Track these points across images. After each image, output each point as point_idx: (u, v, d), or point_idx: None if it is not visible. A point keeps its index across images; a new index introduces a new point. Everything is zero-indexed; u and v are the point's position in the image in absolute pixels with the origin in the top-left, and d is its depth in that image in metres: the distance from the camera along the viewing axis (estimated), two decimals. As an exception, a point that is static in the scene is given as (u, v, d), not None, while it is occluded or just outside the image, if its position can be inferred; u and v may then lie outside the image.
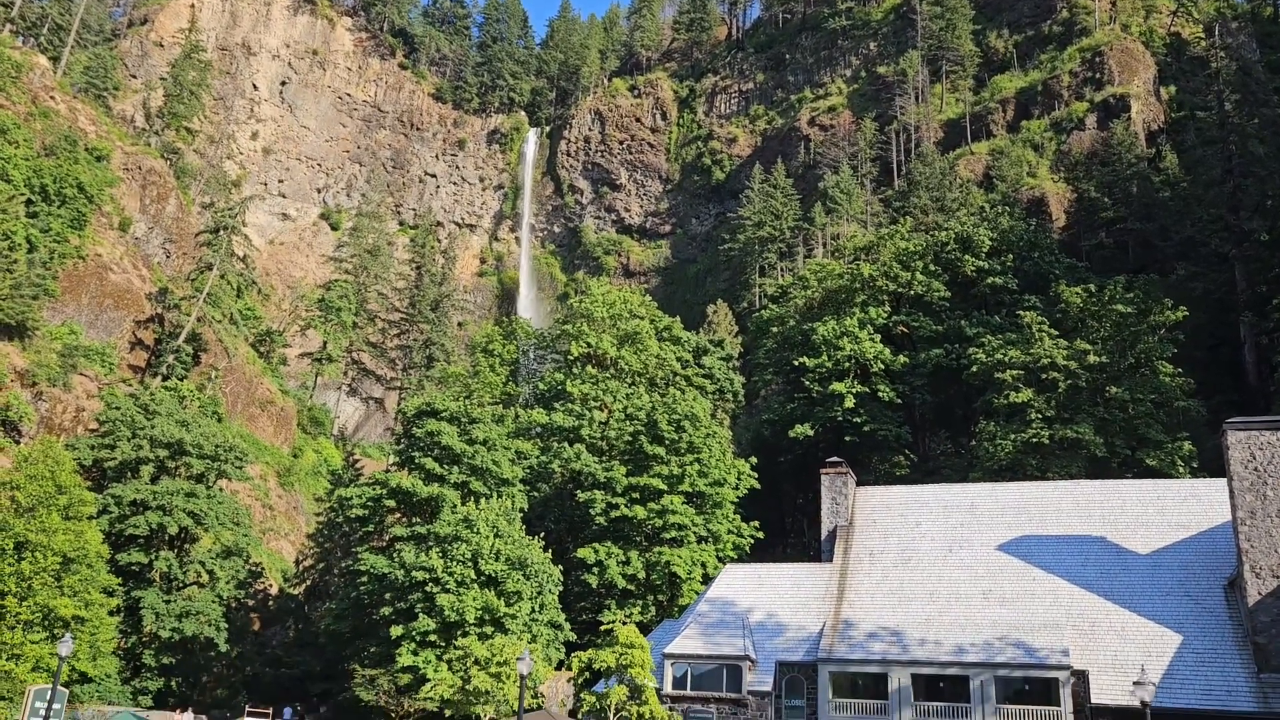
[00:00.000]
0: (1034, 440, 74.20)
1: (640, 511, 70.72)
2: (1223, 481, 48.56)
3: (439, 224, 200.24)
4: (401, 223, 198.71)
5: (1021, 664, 45.82)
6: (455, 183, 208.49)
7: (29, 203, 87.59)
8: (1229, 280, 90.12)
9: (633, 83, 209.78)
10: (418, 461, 69.87)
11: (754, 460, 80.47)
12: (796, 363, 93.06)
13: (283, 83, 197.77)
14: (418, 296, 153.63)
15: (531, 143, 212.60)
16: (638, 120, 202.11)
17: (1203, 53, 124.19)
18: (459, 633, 57.49)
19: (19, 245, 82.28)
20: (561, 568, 66.69)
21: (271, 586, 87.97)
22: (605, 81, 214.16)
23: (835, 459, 61.88)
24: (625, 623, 54.99)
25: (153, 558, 69.19)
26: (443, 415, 71.42)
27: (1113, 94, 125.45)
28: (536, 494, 78.36)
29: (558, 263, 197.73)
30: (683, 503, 71.69)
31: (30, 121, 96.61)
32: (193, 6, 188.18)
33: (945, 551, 54.53)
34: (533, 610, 61.45)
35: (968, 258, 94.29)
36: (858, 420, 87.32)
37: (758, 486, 79.16)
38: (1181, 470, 70.20)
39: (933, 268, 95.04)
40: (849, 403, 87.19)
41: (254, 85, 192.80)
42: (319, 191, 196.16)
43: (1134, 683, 38.74)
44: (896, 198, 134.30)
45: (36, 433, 77.80)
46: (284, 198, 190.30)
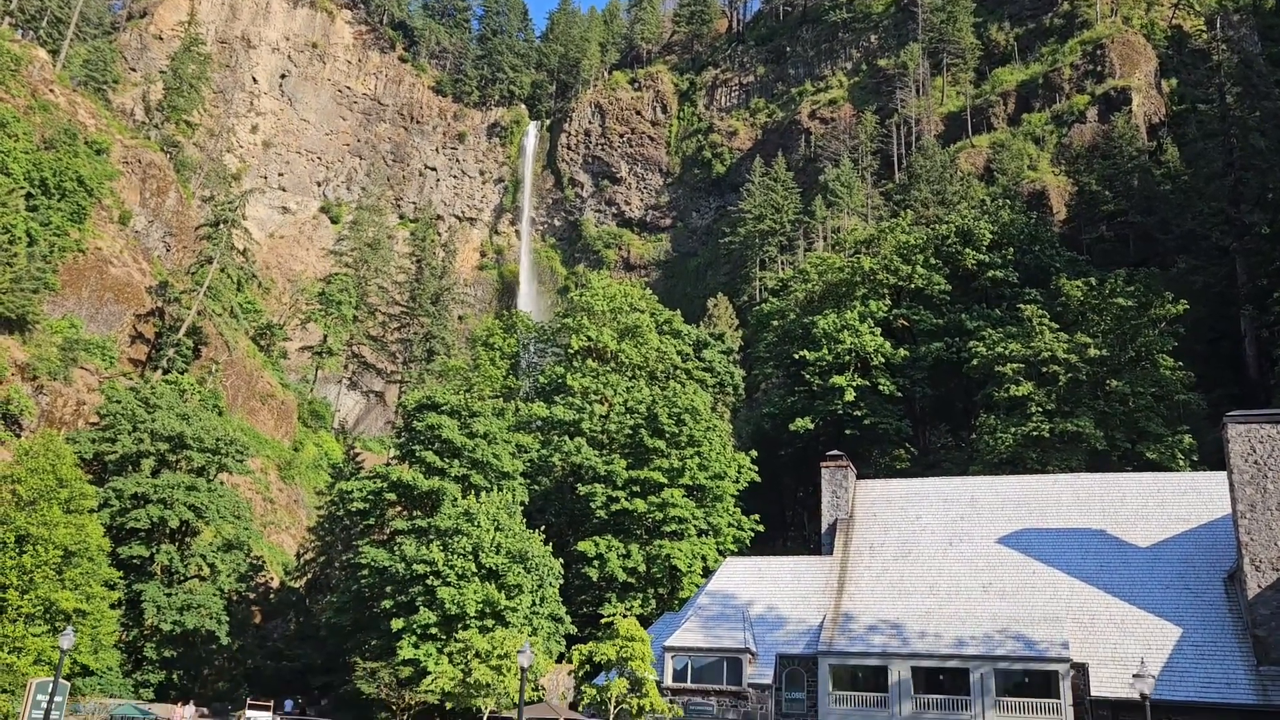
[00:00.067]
0: (1034, 433, 74.21)
1: (641, 505, 70.85)
2: (1223, 475, 48.57)
3: (439, 217, 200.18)
4: (402, 216, 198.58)
5: (1021, 657, 45.91)
6: (455, 176, 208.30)
7: (29, 196, 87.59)
8: (1230, 274, 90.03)
9: (633, 76, 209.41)
10: (418, 455, 70.01)
11: (754, 454, 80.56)
12: (797, 356, 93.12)
13: (282, 76, 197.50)
14: (418, 290, 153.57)
15: (532, 136, 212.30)
16: (638, 113, 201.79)
17: (1204, 45, 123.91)
18: (460, 626, 57.68)
19: (19, 239, 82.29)
20: (562, 561, 66.87)
21: (272, 580, 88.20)
22: (605, 74, 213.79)
23: (835, 452, 61.93)
24: (626, 616, 54.96)
25: (154, 551, 69.36)
26: (443, 409, 71.52)
27: (1114, 87, 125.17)
28: (537, 487, 78.49)
29: (558, 256, 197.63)
30: (683, 496, 71.80)
31: (30, 115, 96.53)
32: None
33: (945, 544, 54.58)
34: (533, 603, 61.62)
35: (968, 251, 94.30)
36: (858, 413, 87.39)
37: (758, 480, 79.25)
38: (1181, 463, 70.23)
39: (933, 261, 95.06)
40: (849, 396, 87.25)
41: (253, 78, 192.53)
42: (319, 185, 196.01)
43: (1133, 675, 38.79)
44: (897, 191, 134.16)
45: (37, 426, 77.87)
46: (284, 191, 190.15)
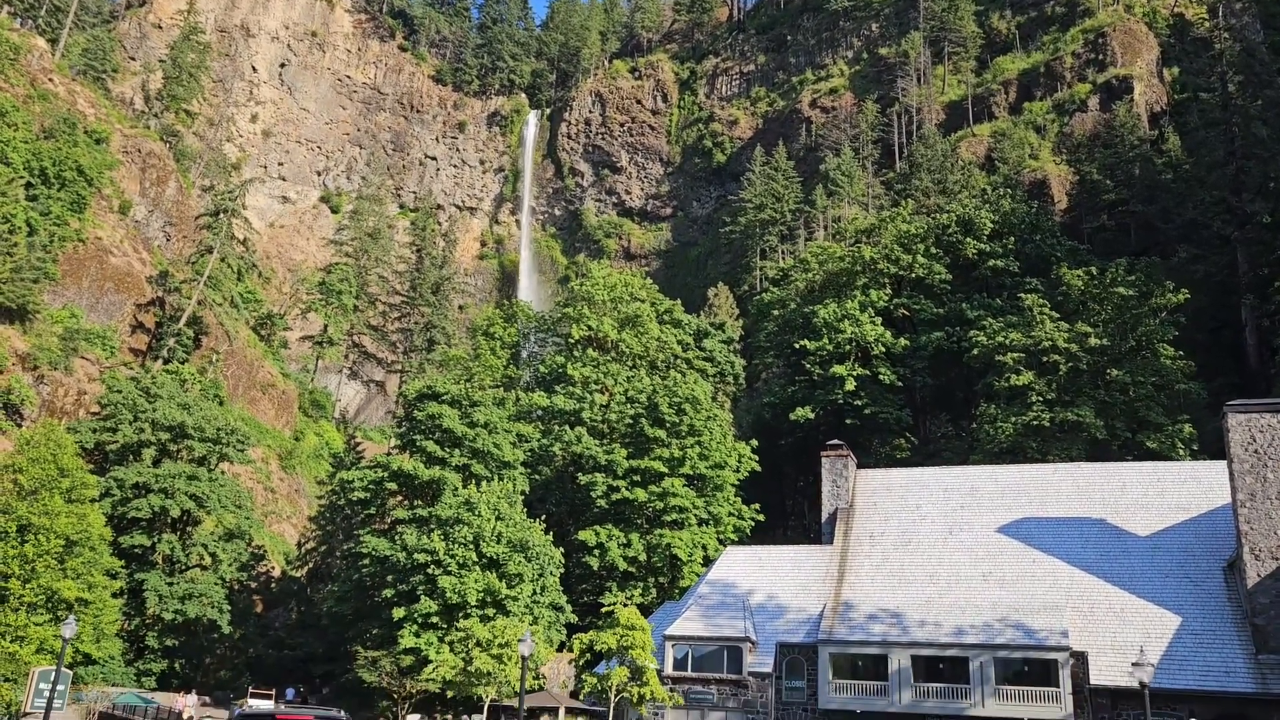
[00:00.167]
0: (1034, 423, 74.24)
1: (641, 494, 70.94)
2: (1223, 464, 48.62)
3: (439, 207, 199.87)
4: (402, 206, 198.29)
5: (1021, 645, 46.04)
6: (455, 165, 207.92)
7: (28, 185, 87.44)
8: (1231, 263, 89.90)
9: (633, 64, 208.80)
10: (419, 444, 70.06)
11: (755, 443, 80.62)
12: (797, 345, 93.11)
13: (282, 65, 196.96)
14: (418, 280, 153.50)
15: (532, 125, 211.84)
16: (638, 102, 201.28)
17: (1206, 34, 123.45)
18: (460, 614, 57.81)
19: (19, 228, 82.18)
20: (563, 550, 66.98)
21: (274, 569, 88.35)
22: (606, 63, 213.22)
23: (836, 442, 61.98)
24: (626, 605, 55.20)
25: (155, 540, 69.48)
26: (444, 398, 71.56)
27: (1115, 75, 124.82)
28: (538, 477, 78.58)
29: (558, 246, 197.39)
30: (683, 485, 71.89)
31: (29, 104, 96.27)
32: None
33: (945, 534, 54.68)
34: (534, 592, 61.74)
35: (969, 240, 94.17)
36: (858, 403, 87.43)
37: (758, 469, 79.35)
38: (1182, 453, 70.28)
39: (934, 250, 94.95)
40: (850, 385, 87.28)
41: (253, 67, 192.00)
42: (319, 174, 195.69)
43: (1133, 664, 38.92)
44: (898, 180, 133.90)
45: (38, 416, 77.91)
46: (284, 181, 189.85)
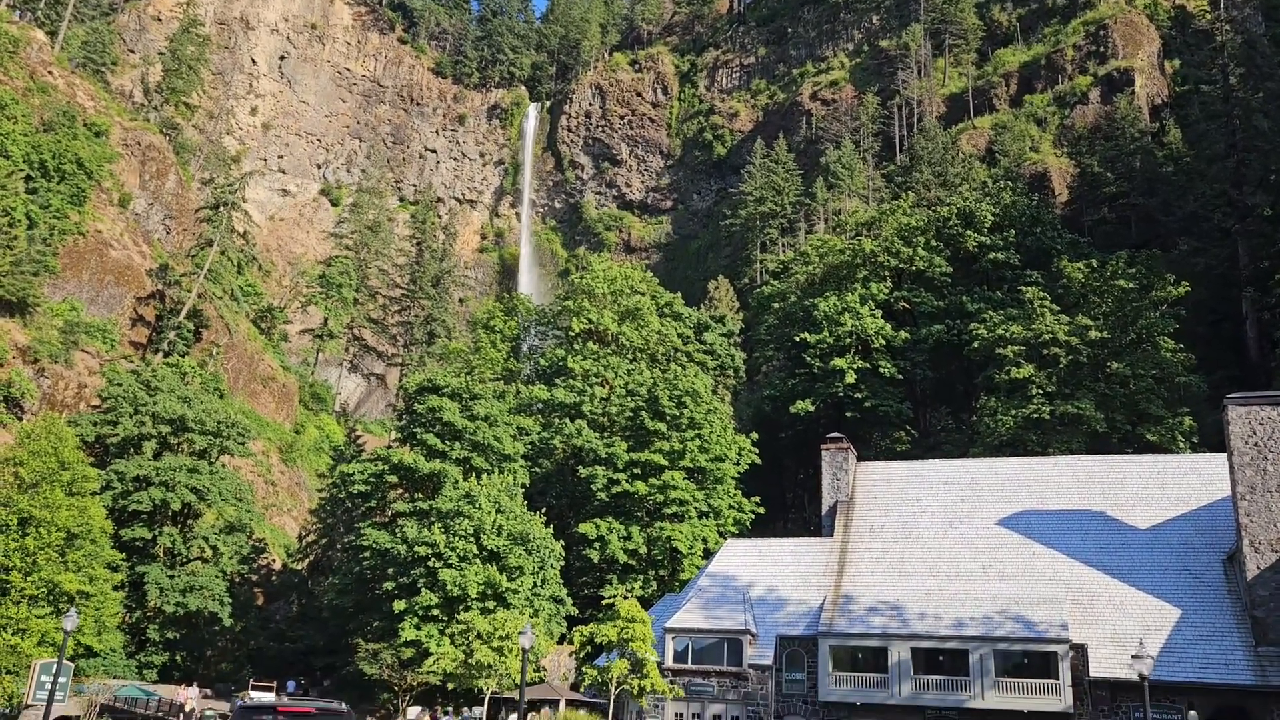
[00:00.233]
0: (1035, 416, 74.23)
1: (641, 487, 71.00)
2: (1223, 457, 48.61)
3: (439, 200, 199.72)
4: (402, 199, 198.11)
5: (1021, 637, 46.09)
6: (455, 158, 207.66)
7: (28, 178, 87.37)
8: (1231, 255, 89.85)
9: (634, 57, 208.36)
10: (419, 437, 70.13)
11: (755, 436, 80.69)
12: (798, 338, 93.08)
13: (281, 57, 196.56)
14: (418, 273, 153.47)
15: (532, 118, 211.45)
16: (639, 95, 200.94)
17: (1207, 26, 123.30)
18: (461, 607, 57.94)
19: (19, 221, 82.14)
20: (563, 543, 67.10)
21: (275, 562, 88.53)
22: (606, 56, 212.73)
23: (836, 434, 61.99)
24: (626, 597, 55.26)
25: (156, 533, 69.59)
26: (444, 391, 71.59)
27: (1116, 68, 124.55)
28: (538, 470, 78.65)
29: (559, 238, 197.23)
30: (684, 478, 71.95)
31: (28, 97, 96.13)
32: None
33: (945, 526, 54.70)
34: (534, 585, 61.87)
35: (969, 233, 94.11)
36: (859, 396, 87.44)
37: (759, 462, 79.41)
38: (1182, 445, 70.31)
39: (934, 243, 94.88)
40: (850, 378, 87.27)
41: (252, 60, 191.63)
42: (319, 167, 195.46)
43: (1132, 656, 38.92)
44: (898, 173, 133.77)
45: (39, 409, 77.96)
46: (284, 173, 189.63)
